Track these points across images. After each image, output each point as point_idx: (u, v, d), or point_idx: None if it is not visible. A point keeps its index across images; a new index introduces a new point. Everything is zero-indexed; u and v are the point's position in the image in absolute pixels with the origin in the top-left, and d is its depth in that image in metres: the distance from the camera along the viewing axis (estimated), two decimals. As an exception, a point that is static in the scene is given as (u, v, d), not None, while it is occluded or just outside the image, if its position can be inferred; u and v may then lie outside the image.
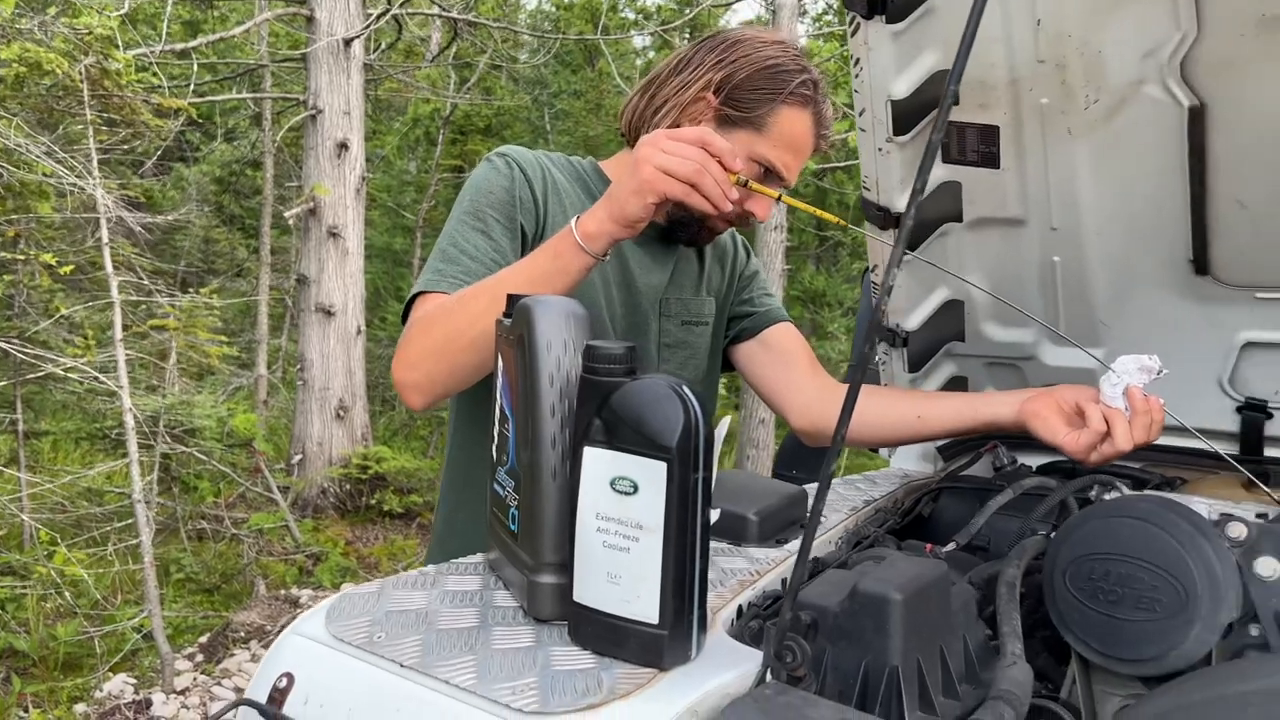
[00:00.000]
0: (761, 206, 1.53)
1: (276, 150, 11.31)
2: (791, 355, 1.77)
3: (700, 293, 1.73)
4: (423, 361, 1.37)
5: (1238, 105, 1.25)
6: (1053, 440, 1.40)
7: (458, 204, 1.53)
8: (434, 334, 1.36)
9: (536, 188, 1.53)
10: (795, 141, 1.52)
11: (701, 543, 0.88)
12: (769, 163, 1.51)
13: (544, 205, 1.54)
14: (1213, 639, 0.96)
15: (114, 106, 5.42)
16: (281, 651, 0.97)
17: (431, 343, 1.37)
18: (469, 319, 1.33)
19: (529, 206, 1.52)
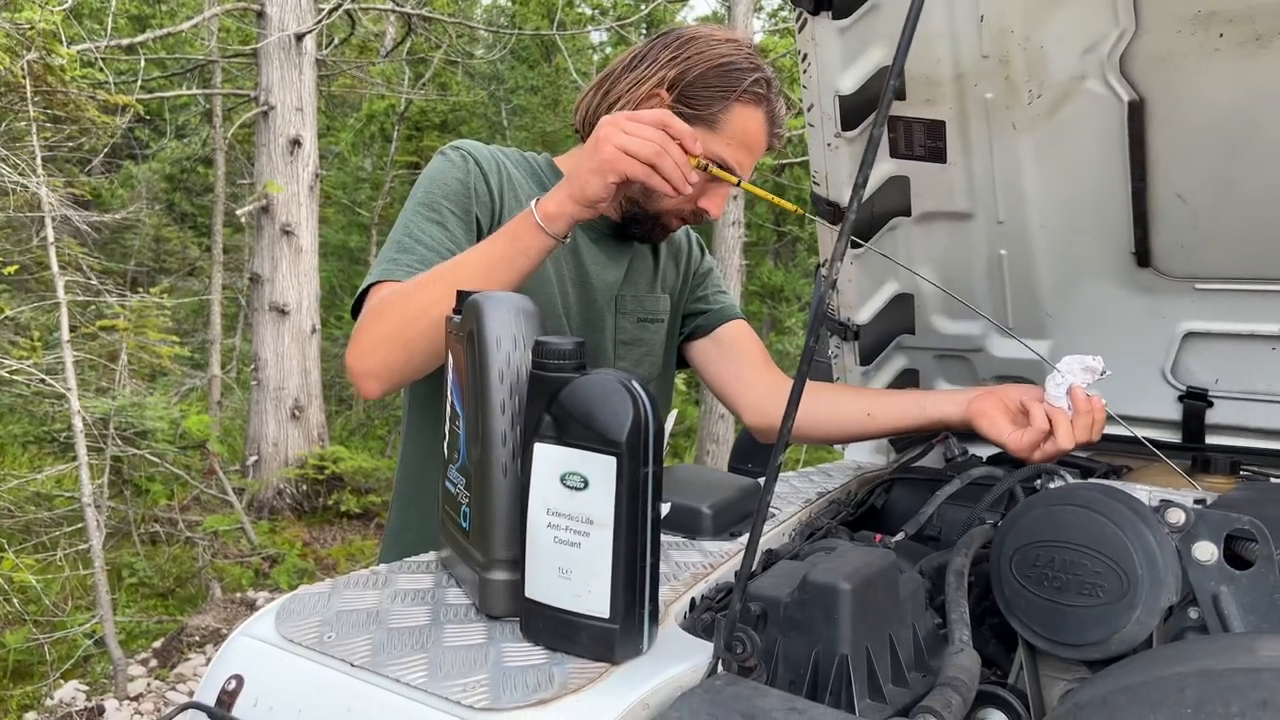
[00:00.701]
0: (715, 203, 1.54)
1: (228, 147, 11.15)
2: (744, 352, 1.78)
3: (655, 290, 1.73)
4: (378, 348, 1.35)
5: (1176, 100, 1.28)
6: (998, 439, 1.43)
7: (411, 197, 1.52)
8: (389, 320, 1.34)
9: (492, 180, 1.53)
10: (748, 139, 1.52)
11: (652, 537, 0.88)
12: (722, 160, 1.51)
13: (499, 198, 1.53)
14: (1153, 622, 0.98)
15: (58, 103, 5.31)
16: (230, 653, 0.96)
17: (386, 329, 1.34)
18: (424, 304, 1.31)
19: (484, 199, 1.51)
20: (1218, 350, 1.59)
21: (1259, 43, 1.17)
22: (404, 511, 1.65)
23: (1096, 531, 1.01)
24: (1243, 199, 1.36)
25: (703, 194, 1.54)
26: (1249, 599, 0.98)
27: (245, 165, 11.32)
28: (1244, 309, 1.52)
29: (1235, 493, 1.31)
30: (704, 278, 1.84)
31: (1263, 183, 1.33)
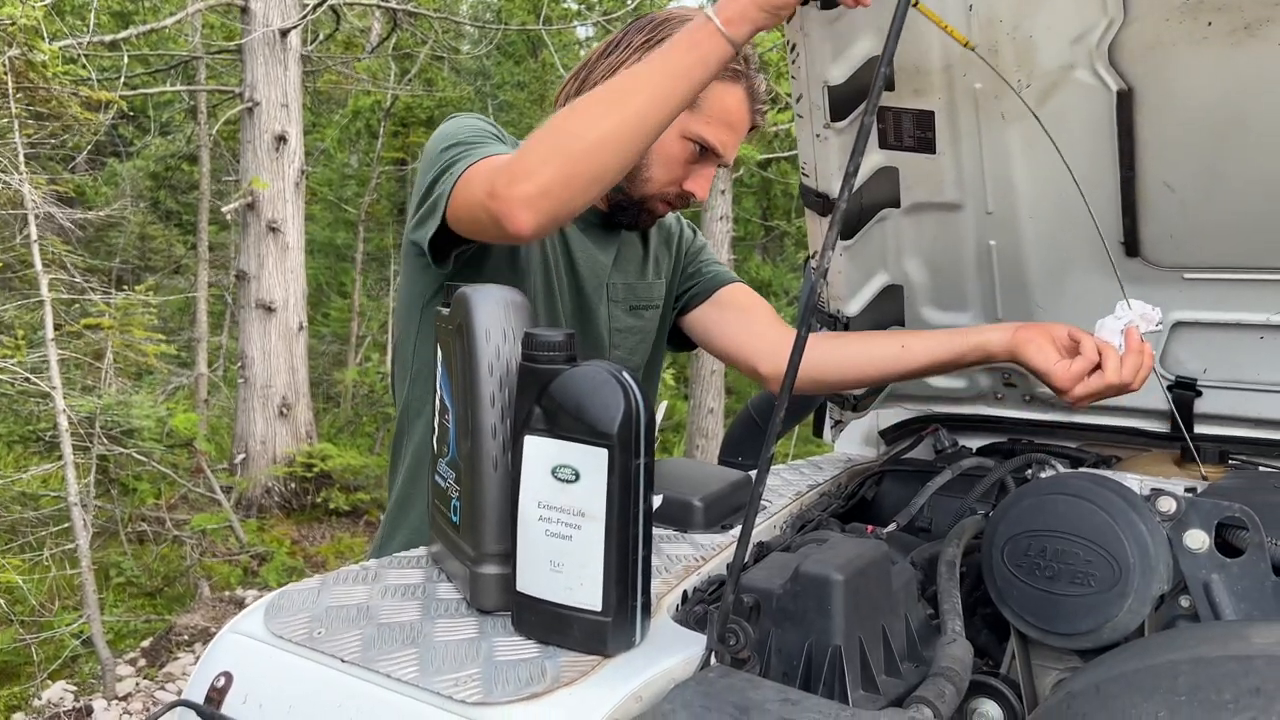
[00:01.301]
0: (700, 184, 1.52)
1: (213, 144, 11.08)
2: (749, 309, 1.74)
3: (647, 276, 1.72)
4: (542, 169, 1.20)
5: (1164, 89, 1.28)
6: (1044, 368, 1.34)
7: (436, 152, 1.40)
8: (555, 140, 1.22)
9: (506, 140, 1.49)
10: (729, 117, 1.50)
11: (644, 529, 0.88)
12: (704, 140, 1.50)
13: None
14: (1145, 611, 0.98)
15: (41, 100, 5.27)
16: (219, 650, 0.95)
17: (552, 148, 1.21)
18: (592, 119, 1.20)
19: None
20: (1207, 340, 1.59)
21: (1247, 31, 1.17)
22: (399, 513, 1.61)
23: (1088, 520, 1.01)
24: (1231, 188, 1.36)
25: (687, 176, 1.53)
26: (1240, 586, 0.98)
27: (230, 162, 11.25)
28: (1232, 298, 1.52)
29: (1225, 481, 1.32)
30: (697, 254, 1.82)
31: (1251, 172, 1.33)
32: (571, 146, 1.20)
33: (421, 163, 1.46)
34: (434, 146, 1.43)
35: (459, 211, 1.32)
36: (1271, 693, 0.73)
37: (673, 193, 1.55)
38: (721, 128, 1.50)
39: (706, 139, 1.49)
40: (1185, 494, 1.03)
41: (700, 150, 1.51)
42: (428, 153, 1.44)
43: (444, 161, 1.37)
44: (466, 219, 1.32)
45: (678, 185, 1.53)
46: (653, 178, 1.53)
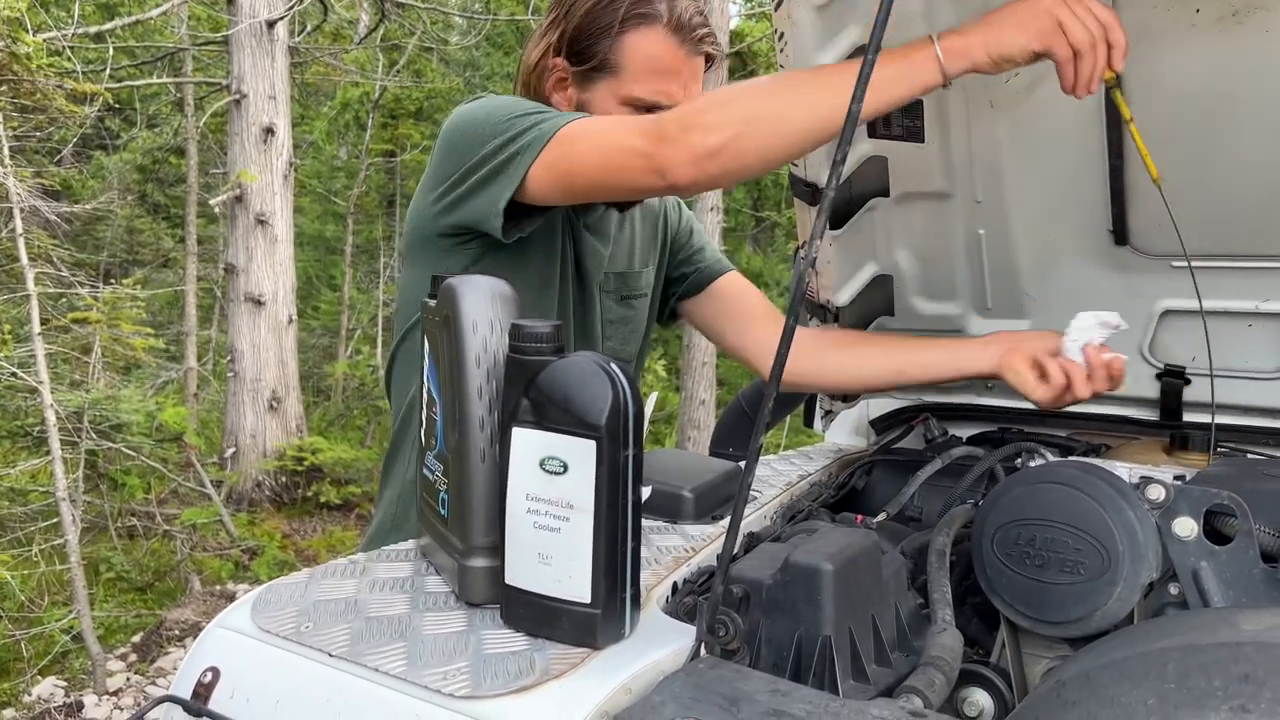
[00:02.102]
0: None
1: (200, 136, 11.03)
2: (744, 305, 1.72)
3: (635, 265, 1.70)
4: (721, 129, 1.16)
5: (1153, 76, 1.28)
6: (1026, 393, 1.39)
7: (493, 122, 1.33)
8: (741, 107, 1.18)
9: None
10: (656, 64, 1.41)
11: (633, 520, 0.87)
12: (642, 100, 1.41)
13: None
14: (1134, 599, 0.99)
15: (25, 92, 5.23)
16: (206, 645, 0.94)
17: (736, 113, 1.18)
18: (782, 102, 1.18)
19: None
20: (1195, 328, 1.59)
21: (1235, 18, 1.17)
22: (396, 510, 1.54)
23: (1077, 509, 1.01)
24: (1219, 176, 1.36)
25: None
26: (1229, 574, 0.98)
27: (218, 155, 11.19)
28: (1221, 286, 1.52)
29: (1214, 468, 1.32)
30: (687, 238, 1.79)
31: (1239, 159, 1.33)
32: (756, 119, 1.17)
33: (455, 140, 1.37)
34: (484, 119, 1.35)
35: (556, 168, 1.27)
36: (1261, 679, 0.73)
37: None
38: (653, 79, 1.42)
39: (641, 98, 1.42)
40: (1174, 482, 1.03)
41: (643, 110, 1.43)
42: (470, 127, 1.36)
43: (513, 128, 1.30)
44: (578, 175, 1.27)
45: None
46: None
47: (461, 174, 1.35)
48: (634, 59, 1.41)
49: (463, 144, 1.35)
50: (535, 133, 1.29)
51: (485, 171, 1.32)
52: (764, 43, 9.62)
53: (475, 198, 1.34)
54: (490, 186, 1.32)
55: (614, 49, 1.41)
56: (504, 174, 1.30)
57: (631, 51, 1.41)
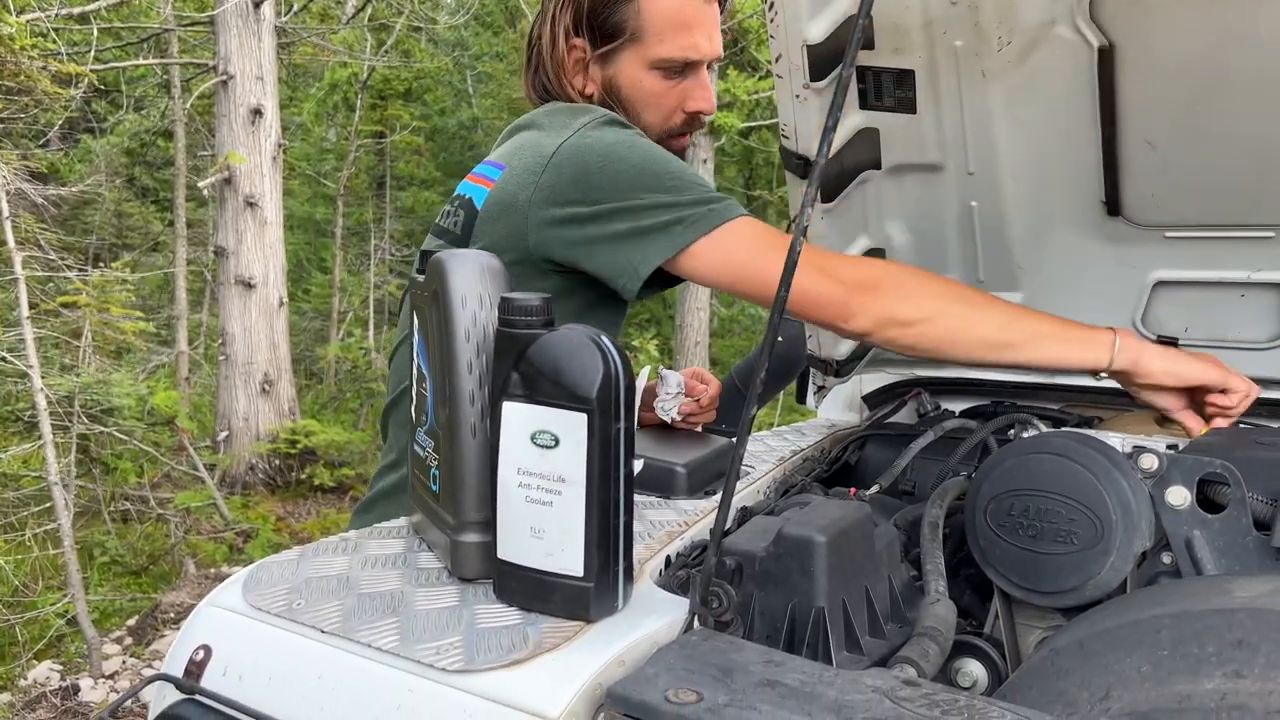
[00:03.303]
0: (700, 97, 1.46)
1: (188, 119, 10.94)
2: None
3: None
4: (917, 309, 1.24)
5: (1145, 45, 1.27)
6: None
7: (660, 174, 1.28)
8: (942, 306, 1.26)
9: None
10: (678, 19, 1.40)
11: (625, 493, 0.87)
12: (672, 59, 1.42)
13: None
14: (1127, 568, 0.99)
15: (9, 74, 5.17)
16: (197, 623, 0.94)
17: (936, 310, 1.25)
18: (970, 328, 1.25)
19: None
20: (1188, 299, 1.59)
21: (1229, -15, 1.16)
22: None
23: (1070, 479, 1.01)
24: (1211, 145, 1.35)
25: (684, 99, 1.46)
26: (1222, 542, 0.98)
27: (206, 137, 11.11)
28: (1213, 257, 1.52)
29: (1206, 437, 1.32)
30: None
31: (1232, 128, 1.32)
32: (949, 314, 1.25)
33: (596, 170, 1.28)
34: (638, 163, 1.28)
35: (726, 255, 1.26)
36: (1254, 645, 0.74)
37: (679, 122, 1.48)
38: (678, 35, 1.41)
39: (671, 57, 1.42)
40: (1167, 451, 1.03)
41: (675, 70, 1.44)
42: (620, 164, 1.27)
43: (680, 192, 1.26)
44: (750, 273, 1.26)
45: (680, 113, 1.47)
46: (650, 123, 1.46)
47: (603, 212, 1.27)
48: (655, 19, 1.40)
49: (607, 179, 1.27)
50: (707, 210, 1.25)
51: (637, 225, 1.26)
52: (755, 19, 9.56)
53: (616, 248, 1.27)
54: (640, 243, 1.26)
55: (634, 16, 1.40)
56: (663, 236, 1.25)
57: (651, 13, 1.40)
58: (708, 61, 1.45)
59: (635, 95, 1.44)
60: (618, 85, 1.44)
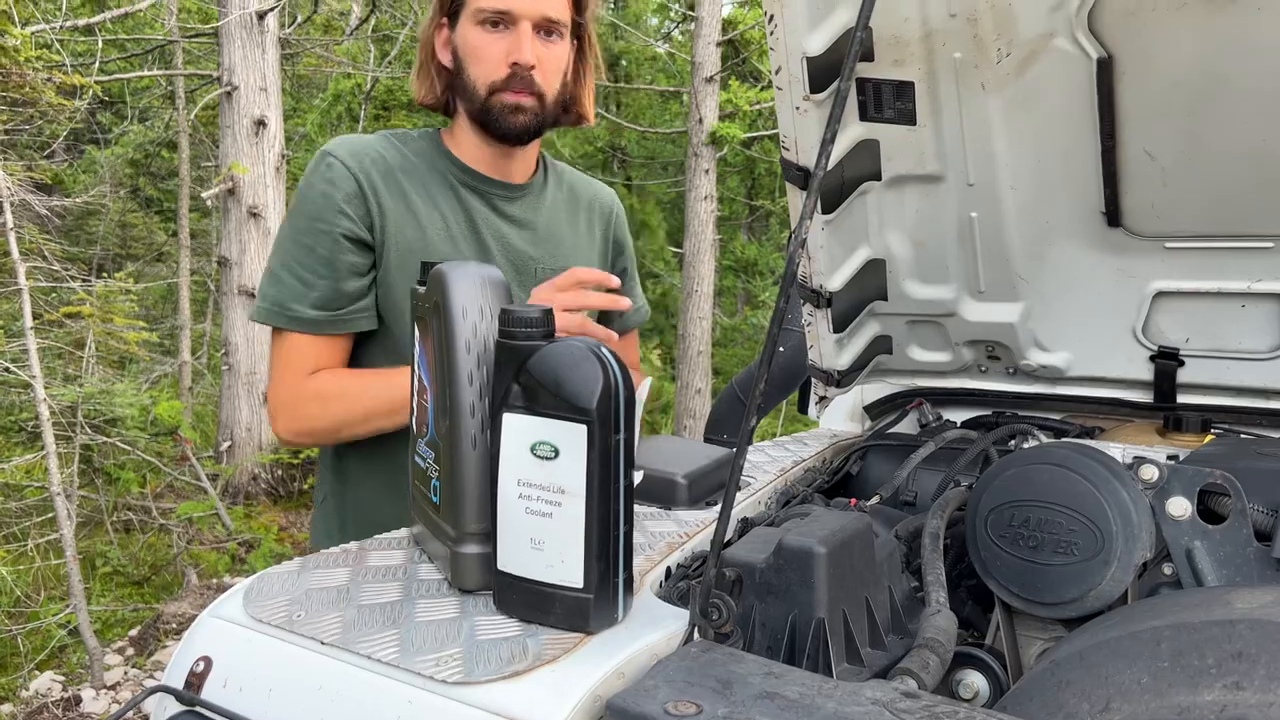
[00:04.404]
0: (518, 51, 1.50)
1: (192, 130, 10.97)
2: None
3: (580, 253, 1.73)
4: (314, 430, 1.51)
5: (1144, 57, 1.27)
6: None
7: (291, 209, 1.53)
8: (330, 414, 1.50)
9: (364, 183, 1.51)
10: None
11: (625, 505, 0.87)
12: (483, 9, 1.49)
13: (376, 201, 1.51)
14: (1128, 579, 0.98)
15: (14, 85, 5.19)
16: (198, 635, 0.94)
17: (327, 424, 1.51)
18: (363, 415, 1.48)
19: (358, 209, 1.50)
20: (1188, 309, 1.59)
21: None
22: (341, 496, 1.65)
23: (1071, 489, 1.01)
24: (1211, 155, 1.35)
25: (507, 52, 1.50)
26: (1222, 553, 0.98)
27: (210, 148, 11.14)
28: (1213, 267, 1.52)
29: (1207, 448, 1.32)
30: (624, 272, 1.84)
31: (1231, 139, 1.32)
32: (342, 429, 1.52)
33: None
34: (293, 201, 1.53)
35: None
36: (1254, 656, 0.73)
37: (502, 76, 1.52)
38: None
39: (483, 6, 1.49)
40: (1167, 462, 1.03)
41: (492, 22, 1.50)
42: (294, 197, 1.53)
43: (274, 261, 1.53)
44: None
45: (503, 65, 1.51)
46: (477, 76, 1.53)
47: None
48: None
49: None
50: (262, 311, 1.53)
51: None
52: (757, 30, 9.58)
53: None
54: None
55: None
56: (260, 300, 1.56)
57: None
58: (533, 21, 1.50)
59: (466, 53, 1.53)
60: (457, 48, 1.55)
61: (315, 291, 1.48)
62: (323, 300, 1.48)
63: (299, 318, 1.48)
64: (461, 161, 1.61)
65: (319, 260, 1.48)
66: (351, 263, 1.50)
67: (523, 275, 1.63)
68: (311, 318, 1.48)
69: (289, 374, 1.50)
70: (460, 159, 1.61)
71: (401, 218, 1.53)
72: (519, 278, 1.62)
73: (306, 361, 1.50)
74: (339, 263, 1.48)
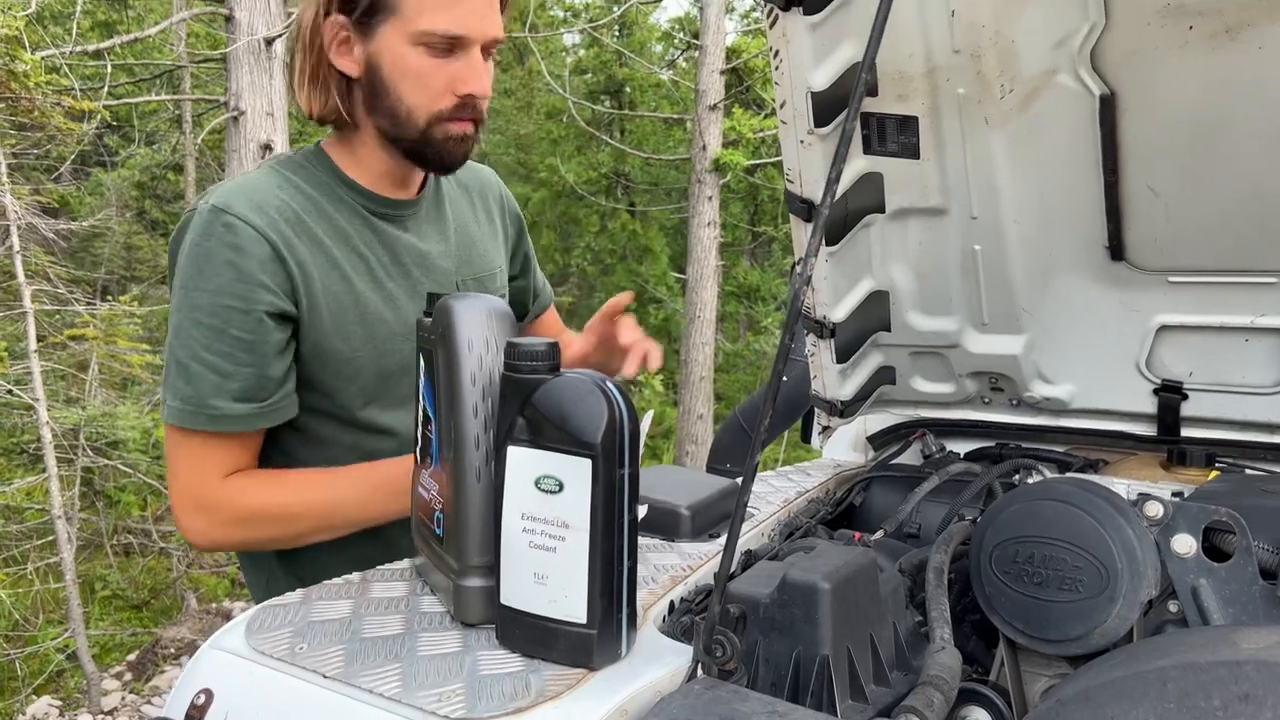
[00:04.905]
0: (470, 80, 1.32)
1: (198, 153, 11.04)
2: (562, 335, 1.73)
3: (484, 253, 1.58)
4: (229, 543, 1.35)
5: (1146, 93, 1.28)
6: None
7: (183, 284, 1.27)
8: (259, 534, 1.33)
9: (278, 242, 1.28)
10: None
11: (629, 539, 0.87)
12: (433, 33, 1.28)
13: (294, 260, 1.29)
14: (1133, 616, 0.98)
15: (23, 110, 5.23)
16: (200, 667, 0.94)
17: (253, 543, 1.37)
18: (302, 534, 1.33)
19: (276, 277, 1.27)
20: (1192, 343, 1.59)
21: (1228, 35, 1.17)
22: None
23: (1075, 526, 1.00)
24: (1213, 191, 1.36)
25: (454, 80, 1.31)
26: (1228, 591, 0.98)
27: (216, 171, 11.20)
28: (1216, 301, 1.52)
29: (1212, 485, 1.32)
30: (525, 254, 1.72)
31: (1233, 175, 1.33)
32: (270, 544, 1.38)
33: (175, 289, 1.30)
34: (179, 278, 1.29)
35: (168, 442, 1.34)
36: (1260, 699, 0.73)
37: (449, 105, 1.32)
38: (445, 11, 1.27)
39: (432, 30, 1.28)
40: (1172, 499, 1.03)
41: (440, 47, 1.29)
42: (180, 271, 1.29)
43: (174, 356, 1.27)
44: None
45: (449, 95, 1.32)
46: (415, 105, 1.32)
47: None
48: None
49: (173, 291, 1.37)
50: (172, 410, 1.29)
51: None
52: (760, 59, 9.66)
53: None
54: None
55: None
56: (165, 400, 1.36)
57: None
58: (482, 44, 1.32)
59: (397, 73, 1.30)
60: (378, 63, 1.31)
61: (235, 381, 1.25)
62: (246, 390, 1.26)
63: (223, 415, 1.25)
64: (364, 188, 1.40)
65: (235, 343, 1.25)
66: (276, 341, 1.28)
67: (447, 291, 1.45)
68: (237, 413, 1.26)
69: (195, 478, 1.29)
70: (359, 181, 1.40)
71: (324, 271, 1.32)
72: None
73: (224, 462, 1.29)
74: (263, 344, 1.26)
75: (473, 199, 1.62)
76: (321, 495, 1.32)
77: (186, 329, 1.26)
